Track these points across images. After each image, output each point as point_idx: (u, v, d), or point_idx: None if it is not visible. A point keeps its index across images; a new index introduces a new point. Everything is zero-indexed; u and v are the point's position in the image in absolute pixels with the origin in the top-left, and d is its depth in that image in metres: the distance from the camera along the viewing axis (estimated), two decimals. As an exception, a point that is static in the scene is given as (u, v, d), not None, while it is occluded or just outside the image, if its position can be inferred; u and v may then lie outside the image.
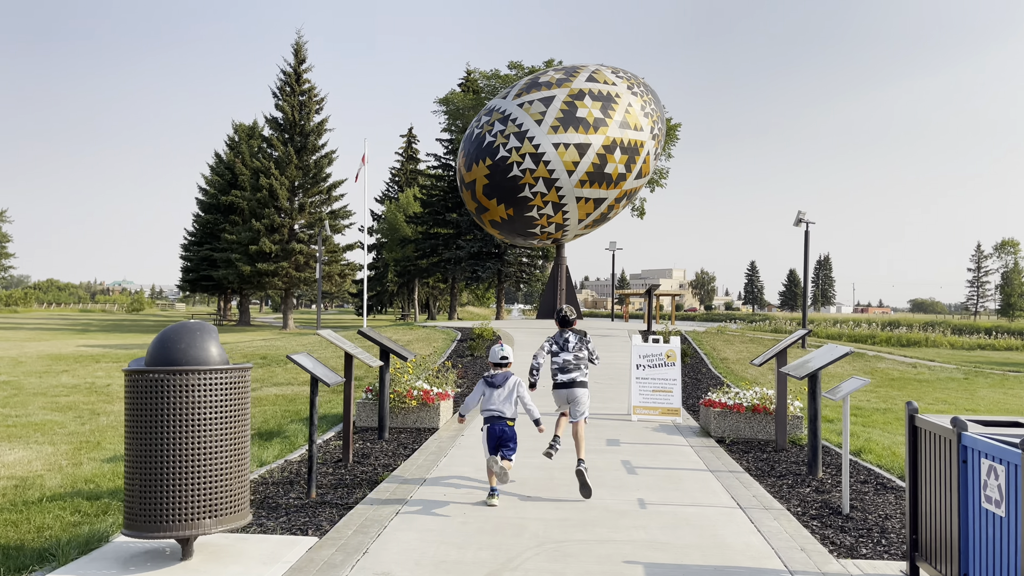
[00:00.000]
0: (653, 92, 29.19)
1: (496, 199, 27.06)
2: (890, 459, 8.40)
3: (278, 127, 44.94)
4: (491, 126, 27.05)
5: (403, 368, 10.82)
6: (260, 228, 43.06)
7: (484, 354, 19.11)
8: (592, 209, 27.69)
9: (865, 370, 19.81)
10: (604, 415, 11.42)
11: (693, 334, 23.79)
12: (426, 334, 23.47)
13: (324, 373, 6.53)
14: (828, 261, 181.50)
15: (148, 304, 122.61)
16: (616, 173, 27.14)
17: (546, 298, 31.37)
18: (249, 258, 42.95)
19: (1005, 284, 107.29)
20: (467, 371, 16.63)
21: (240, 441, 4.77)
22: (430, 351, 20.04)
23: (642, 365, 11.30)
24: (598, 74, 27.99)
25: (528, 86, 27.60)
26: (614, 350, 20.26)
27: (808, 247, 22.65)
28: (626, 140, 27.12)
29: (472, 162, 27.31)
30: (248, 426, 4.92)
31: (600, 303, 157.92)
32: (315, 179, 44.40)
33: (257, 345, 25.03)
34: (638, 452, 8.73)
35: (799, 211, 22.50)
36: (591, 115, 26.67)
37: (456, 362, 18.04)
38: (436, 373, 11.30)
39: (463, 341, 21.37)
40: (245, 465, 4.86)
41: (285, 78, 45.27)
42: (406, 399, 10.04)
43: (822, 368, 7.28)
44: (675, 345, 11.44)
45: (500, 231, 28.71)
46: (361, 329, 9.52)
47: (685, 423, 10.96)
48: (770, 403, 9.80)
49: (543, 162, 26.18)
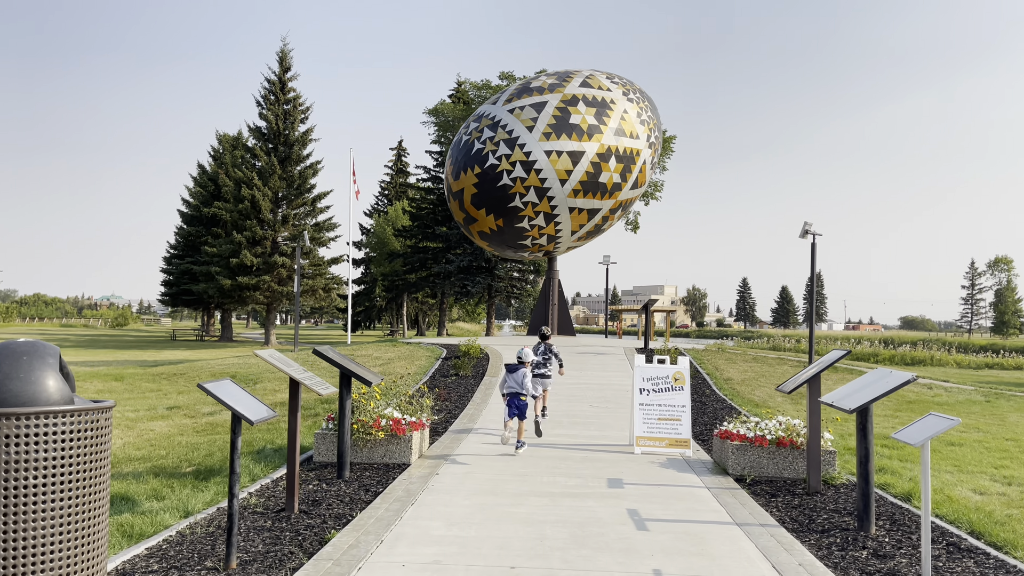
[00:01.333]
0: (649, 99, 27.98)
1: (485, 209, 25.69)
2: (953, 509, 6.97)
3: (261, 137, 43.55)
4: (480, 133, 25.73)
5: (370, 394, 9.34)
6: (241, 240, 41.52)
7: (470, 373, 17.66)
8: (586, 220, 26.35)
9: (879, 392, 18.45)
10: (603, 446, 9.97)
11: (692, 352, 22.41)
12: (409, 351, 22.00)
13: (249, 407, 5.07)
14: (820, 278, 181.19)
15: (133, 319, 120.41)
16: (611, 182, 25.83)
17: (537, 313, 29.94)
18: (230, 271, 41.37)
19: (999, 301, 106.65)
20: (450, 393, 15.17)
21: (90, 516, 3.31)
22: (412, 370, 18.56)
23: (646, 390, 9.87)
24: (592, 79, 26.75)
25: (519, 91, 26.33)
26: (609, 369, 18.84)
27: (815, 259, 21.35)
28: (621, 148, 25.85)
29: (460, 170, 25.96)
30: (106, 490, 3.45)
31: (592, 319, 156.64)
32: (299, 190, 42.94)
33: (229, 363, 23.47)
34: (646, 498, 7.28)
35: (805, 223, 21.22)
36: (585, 122, 25.40)
37: (438, 383, 16.57)
38: (410, 399, 9.82)
39: (448, 360, 19.91)
40: (99, 551, 3.39)
41: (269, 86, 43.95)
42: (372, 430, 8.57)
43: (877, 400, 5.88)
44: (683, 367, 10.02)
45: (489, 243, 27.31)
46: (317, 348, 8.06)
47: (696, 456, 9.53)
48: (797, 435, 8.38)
49: (535, 170, 24.86)
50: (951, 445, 11.35)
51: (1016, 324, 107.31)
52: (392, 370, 18.71)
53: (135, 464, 8.80)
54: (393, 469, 8.44)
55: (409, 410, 9.27)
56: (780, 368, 20.59)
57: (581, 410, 13.35)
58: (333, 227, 44.40)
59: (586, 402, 14.30)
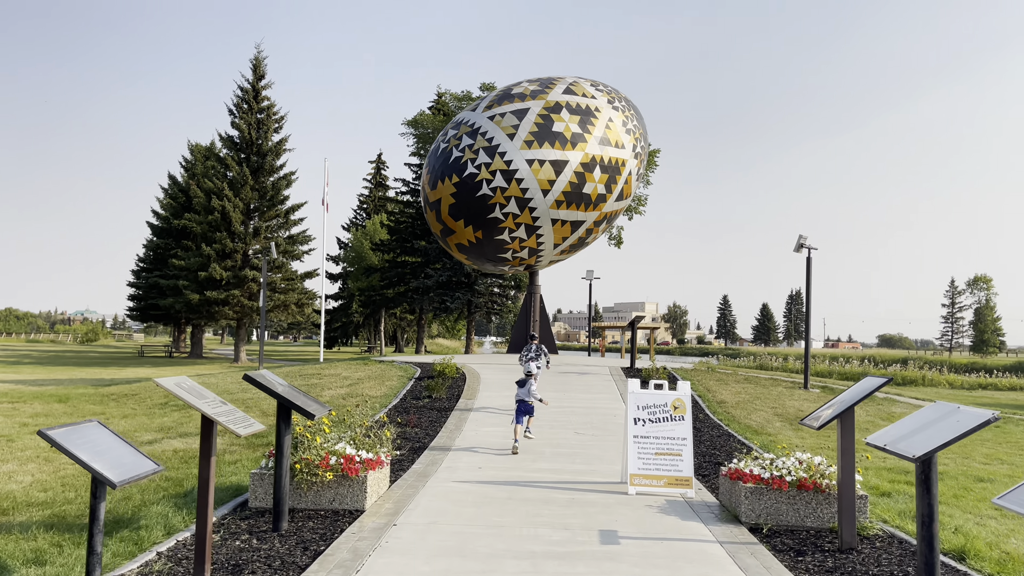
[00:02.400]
0: (635, 108, 26.92)
1: (463, 220, 24.39)
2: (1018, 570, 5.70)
3: (233, 146, 42.01)
4: (459, 140, 24.49)
5: (318, 426, 7.93)
6: (211, 253, 39.85)
7: (444, 396, 16.28)
8: (569, 233, 25.13)
9: (881, 415, 17.29)
10: (591, 485, 8.64)
11: (680, 372, 21.19)
12: (381, 371, 20.57)
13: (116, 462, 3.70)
14: (800, 296, 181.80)
15: (104, 334, 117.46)
16: (595, 193, 24.66)
17: (518, 330, 28.62)
18: (198, 285, 39.65)
19: (978, 320, 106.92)
20: (421, 419, 13.78)
21: None
22: (381, 392, 17.14)
23: (641, 419, 8.56)
24: (576, 86, 25.65)
25: (500, 98, 25.14)
26: (594, 391, 17.54)
27: (810, 273, 20.26)
28: (606, 158, 24.71)
29: (437, 179, 24.67)
30: None
31: (573, 335, 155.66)
32: (272, 201, 41.41)
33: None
34: (649, 559, 5.94)
35: (800, 236, 20.13)
36: (568, 130, 24.24)
37: (409, 406, 15.18)
38: (367, 431, 8.43)
39: (421, 380, 18.51)
40: None
41: (242, 95, 42.48)
42: (319, 470, 7.18)
43: (949, 445, 4.62)
44: (684, 393, 8.74)
45: (468, 256, 26.00)
46: (249, 373, 6.67)
47: (699, 498, 8.22)
48: (821, 476, 7.10)
49: (515, 180, 23.63)
50: (981, 481, 10.14)
51: (995, 343, 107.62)
52: (359, 391, 17.28)
53: (32, 511, 7.33)
54: (343, 517, 7.04)
55: (365, 444, 7.89)
56: (774, 390, 19.41)
57: (565, 438, 12.02)
58: (307, 240, 42.86)
59: (570, 428, 12.98)
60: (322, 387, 18.23)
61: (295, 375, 20.79)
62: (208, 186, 41.17)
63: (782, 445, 9.47)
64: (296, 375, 20.81)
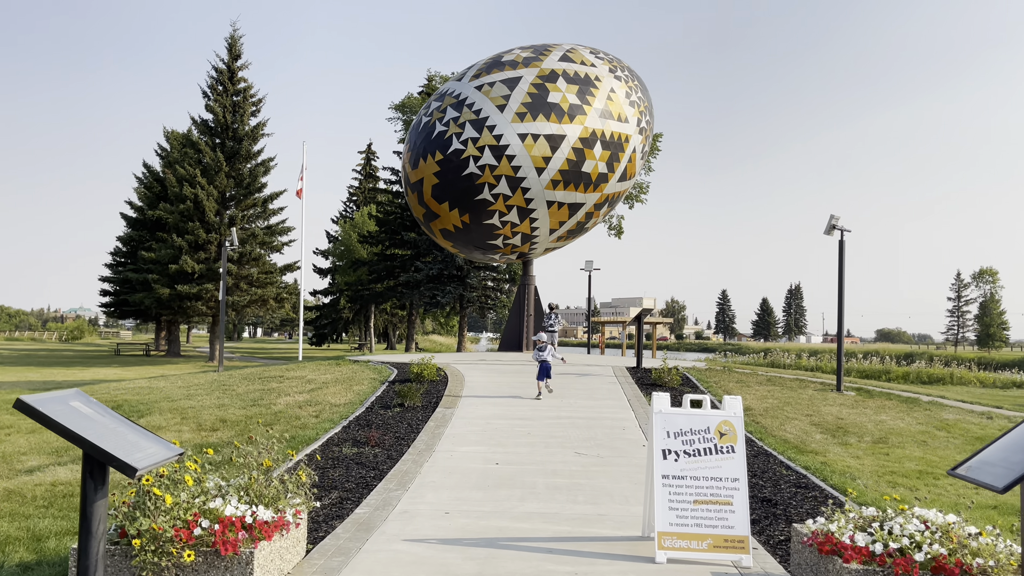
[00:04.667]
0: (639, 79, 24.28)
1: (448, 203, 21.77)
2: None
3: (207, 130, 39.29)
4: (442, 113, 21.83)
5: (181, 473, 5.23)
6: (183, 245, 37.14)
7: (419, 403, 13.69)
8: (567, 216, 22.52)
9: (933, 423, 14.71)
10: (600, 544, 6.04)
11: (694, 373, 18.61)
12: (352, 373, 17.98)
13: None
14: (799, 290, 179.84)
15: (90, 332, 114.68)
16: (596, 172, 22.05)
17: (511, 325, 26.01)
18: (169, 279, 36.97)
19: (983, 314, 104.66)
20: (386, 434, 11.18)
21: None
22: (346, 399, 14.53)
23: (673, 452, 5.96)
24: (574, 53, 23.00)
25: (488, 66, 22.49)
26: (598, 396, 14.94)
27: (843, 258, 17.67)
28: (608, 133, 22.09)
29: (419, 157, 22.03)
30: None
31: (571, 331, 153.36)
32: (249, 189, 38.70)
33: (138, 385, 19.18)
34: None
35: (832, 216, 17.54)
36: (565, 100, 21.61)
37: (375, 417, 12.59)
38: (265, 471, 5.73)
39: (395, 384, 15.92)
40: None
41: (217, 75, 39.74)
42: (175, 545, 4.55)
43: None
44: (734, 413, 6.14)
45: (454, 243, 23.37)
46: (25, 398, 4.00)
47: (759, 566, 5.64)
48: (972, 554, 4.51)
49: (506, 157, 21.01)
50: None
51: (1001, 337, 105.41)
52: (320, 399, 14.67)
53: None
54: (214, 621, 4.43)
55: (267, 495, 5.26)
56: (803, 393, 16.83)
57: (564, 462, 9.43)
58: (286, 231, 40.17)
59: (570, 447, 10.40)
60: (280, 393, 15.62)
61: (254, 378, 18.17)
62: (180, 172, 38.47)
63: (825, 458, 6.85)
64: (256, 378, 18.20)
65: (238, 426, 12.56)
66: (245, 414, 13.58)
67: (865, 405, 15.96)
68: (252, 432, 12.07)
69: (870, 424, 14.08)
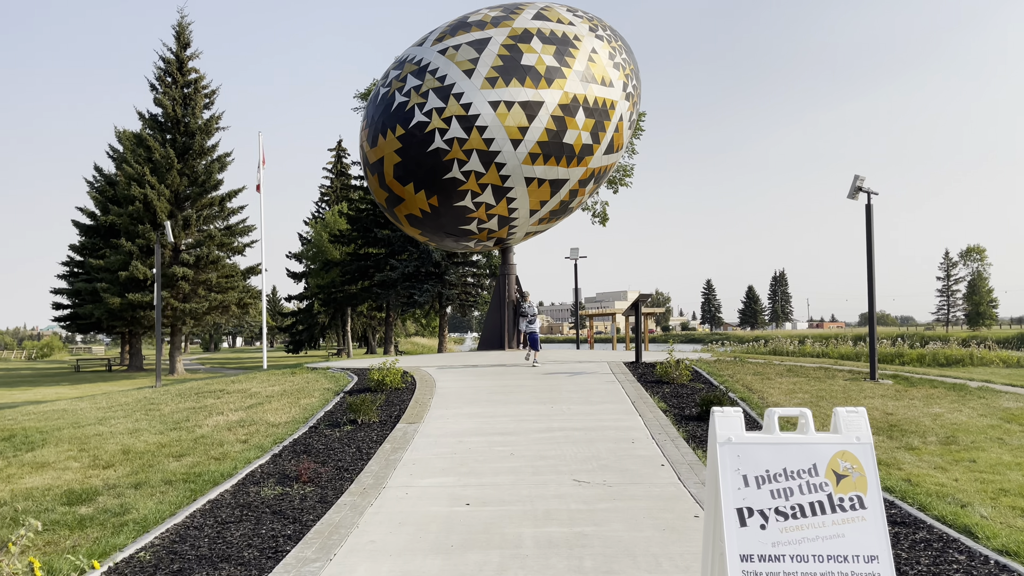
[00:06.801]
0: (623, 39, 21.73)
1: (414, 184, 19.10)
2: None
3: (157, 125, 36.27)
4: (402, 82, 19.15)
5: None
6: (133, 250, 34.16)
7: (375, 419, 11.04)
8: (548, 195, 19.92)
9: (999, 414, 12.26)
10: None
11: (701, 365, 16.05)
12: (305, 383, 15.29)
13: None
14: (784, 277, 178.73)
15: (60, 349, 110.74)
16: (580, 144, 19.47)
17: (491, 322, 23.36)
18: (120, 287, 33.99)
19: (972, 292, 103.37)
20: (327, 462, 8.54)
21: None
22: (288, 416, 11.85)
23: (758, 511, 3.38)
24: (549, 11, 20.40)
25: (454, 28, 19.83)
26: (595, 400, 12.35)
27: (871, 224, 15.17)
28: (591, 98, 19.52)
29: (377, 133, 19.33)
30: None
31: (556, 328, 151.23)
32: (204, 187, 35.77)
33: (43, 411, 16.29)
34: None
35: (856, 177, 15.06)
36: (542, 63, 19.01)
37: (319, 438, 9.94)
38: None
39: (353, 394, 13.26)
40: None
41: (166, 66, 36.74)
42: None
43: None
44: (856, 436, 3.55)
45: (423, 231, 20.70)
46: None
47: None
48: None
49: (477, 129, 18.38)
50: None
51: (991, 315, 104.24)
52: (257, 417, 11.98)
53: None
54: None
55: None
56: (834, 383, 14.36)
57: (559, 496, 6.84)
58: (247, 231, 37.24)
59: (565, 471, 7.82)
60: (211, 411, 12.91)
61: (189, 394, 15.42)
62: (128, 172, 35.45)
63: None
64: (192, 394, 15.45)
65: (142, 459, 9.84)
66: (158, 441, 10.88)
67: (909, 395, 13.50)
68: (155, 466, 9.38)
69: (926, 419, 11.61)
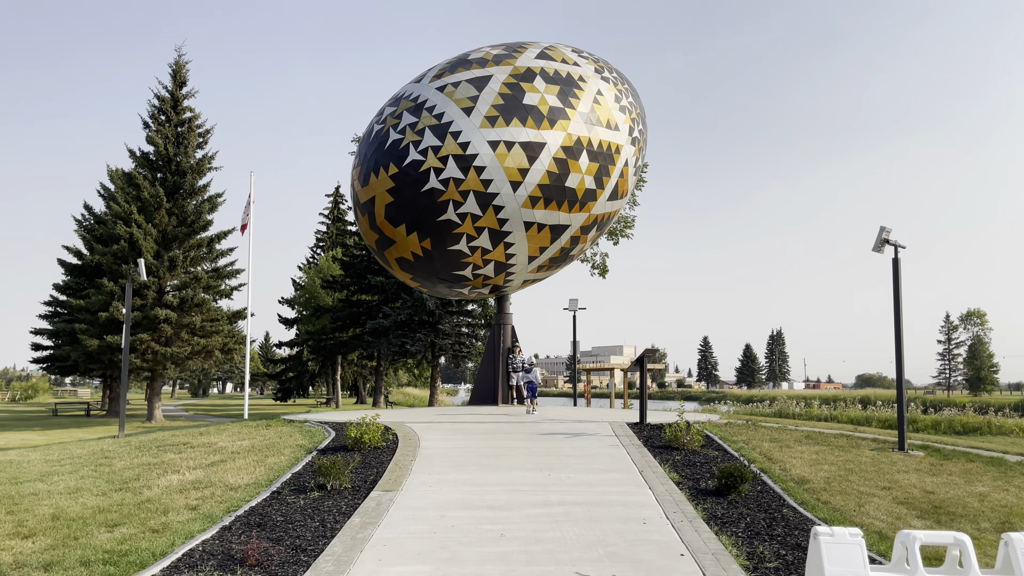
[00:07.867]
0: (630, 83, 20.92)
1: (406, 225, 17.99)
2: None
3: (147, 163, 35.43)
4: (397, 119, 18.21)
5: None
6: (115, 290, 32.90)
7: (347, 485, 9.64)
8: (548, 241, 18.80)
9: (1047, 495, 10.89)
10: None
11: (711, 428, 14.66)
12: (278, 438, 13.89)
13: None
14: (781, 336, 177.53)
15: (45, 391, 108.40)
16: (582, 188, 18.44)
17: (483, 374, 21.99)
18: (100, 329, 32.62)
19: (973, 357, 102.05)
20: (283, 539, 7.15)
21: None
22: (250, 478, 10.44)
23: None
24: (553, 51, 19.62)
25: (453, 65, 18.99)
26: (598, 467, 10.94)
27: (899, 278, 14.01)
28: (596, 141, 18.57)
29: (370, 171, 18.30)
30: None
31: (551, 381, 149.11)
32: (193, 228, 34.72)
33: (8, 458, 14.82)
34: None
35: (882, 228, 13.97)
36: (545, 103, 18.11)
37: (280, 506, 8.55)
38: None
39: (327, 452, 11.86)
40: None
41: (160, 104, 36.08)
42: None
43: None
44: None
45: (414, 275, 19.50)
46: None
47: None
48: None
49: (475, 169, 17.35)
50: None
51: (992, 379, 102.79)
52: (216, 477, 10.56)
53: None
54: None
55: None
56: (860, 454, 12.99)
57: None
58: (235, 273, 36.06)
59: (566, 562, 6.44)
60: (168, 468, 11.49)
61: (149, 447, 14.00)
62: (115, 210, 34.42)
63: None
64: (152, 447, 14.03)
65: (70, 528, 8.41)
66: (97, 505, 9.45)
67: (946, 470, 12.13)
68: (81, 539, 7.95)
69: (972, 500, 10.25)
